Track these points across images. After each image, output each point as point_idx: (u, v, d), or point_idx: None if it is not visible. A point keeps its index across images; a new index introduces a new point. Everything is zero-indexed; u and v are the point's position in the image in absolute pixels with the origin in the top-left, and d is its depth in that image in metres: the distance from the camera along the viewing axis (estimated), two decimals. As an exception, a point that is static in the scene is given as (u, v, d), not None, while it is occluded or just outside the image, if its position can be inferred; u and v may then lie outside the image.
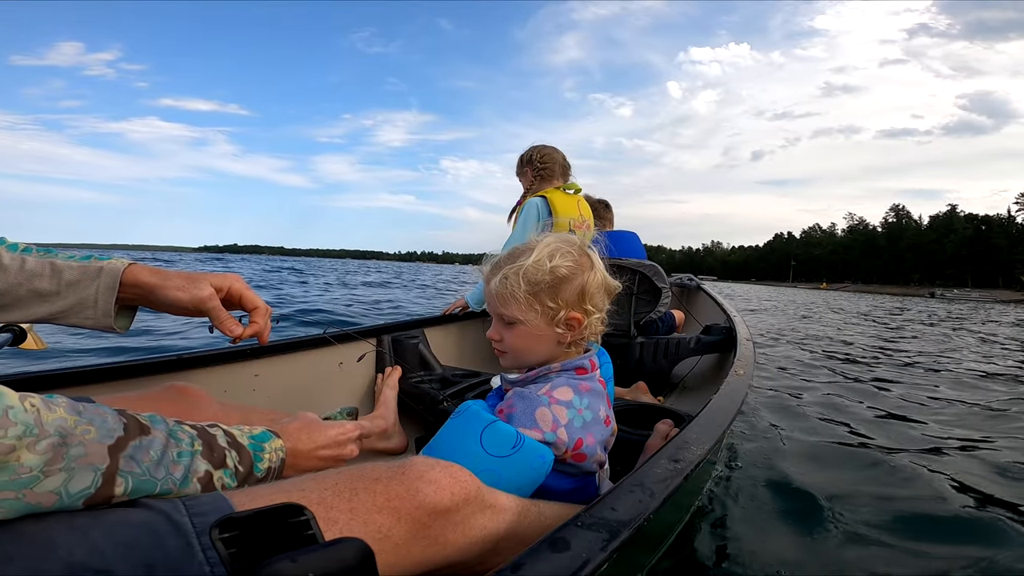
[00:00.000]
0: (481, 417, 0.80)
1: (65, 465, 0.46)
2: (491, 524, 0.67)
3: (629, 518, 0.59)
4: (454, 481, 0.64)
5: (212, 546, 0.46)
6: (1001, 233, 78.86)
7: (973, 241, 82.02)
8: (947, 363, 4.58)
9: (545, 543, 0.54)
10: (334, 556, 0.43)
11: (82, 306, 0.73)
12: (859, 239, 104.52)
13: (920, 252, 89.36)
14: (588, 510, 0.61)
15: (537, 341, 0.89)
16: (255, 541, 0.44)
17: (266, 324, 0.89)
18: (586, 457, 0.84)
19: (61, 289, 0.72)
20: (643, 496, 0.64)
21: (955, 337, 7.40)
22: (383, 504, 0.59)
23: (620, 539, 0.55)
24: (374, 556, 0.47)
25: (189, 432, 0.61)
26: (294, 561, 0.41)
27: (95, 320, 0.74)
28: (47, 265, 0.72)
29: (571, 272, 0.86)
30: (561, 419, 0.83)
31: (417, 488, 0.61)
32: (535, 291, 0.86)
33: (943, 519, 1.35)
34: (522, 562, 0.50)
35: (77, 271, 0.73)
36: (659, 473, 0.71)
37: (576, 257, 0.88)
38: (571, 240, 0.91)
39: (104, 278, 0.74)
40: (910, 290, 63.91)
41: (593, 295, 0.88)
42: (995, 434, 2.25)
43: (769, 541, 1.23)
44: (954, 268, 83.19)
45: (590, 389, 0.89)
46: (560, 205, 2.03)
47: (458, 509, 0.63)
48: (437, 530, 0.61)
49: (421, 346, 1.92)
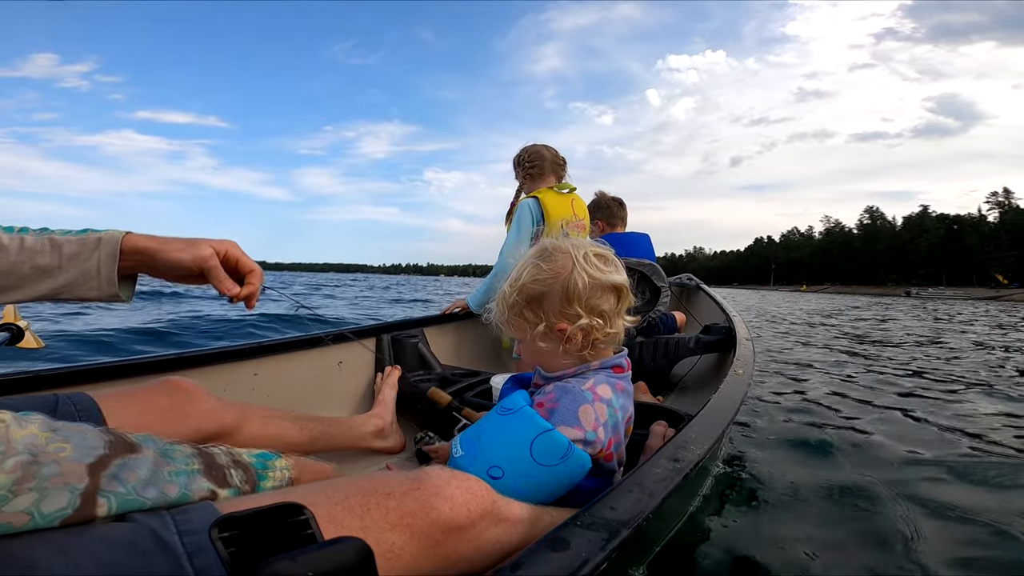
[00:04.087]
0: (536, 422, 0.76)
1: (36, 485, 0.44)
2: (504, 537, 0.66)
3: (628, 518, 0.59)
4: (471, 497, 0.62)
5: (205, 568, 0.45)
6: (973, 232, 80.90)
7: (945, 240, 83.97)
8: (946, 359, 4.64)
9: (544, 543, 0.54)
10: (333, 555, 0.43)
11: (86, 278, 0.73)
12: (836, 241, 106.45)
13: (895, 253, 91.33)
14: (587, 510, 0.61)
15: (545, 355, 0.88)
16: (255, 541, 0.43)
17: (258, 289, 0.88)
18: (613, 457, 0.84)
19: (63, 263, 0.72)
20: (642, 496, 0.64)
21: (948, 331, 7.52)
22: (396, 521, 0.57)
23: (619, 539, 0.56)
24: (373, 555, 0.46)
25: (184, 451, 0.59)
26: (294, 560, 0.41)
27: (99, 291, 0.74)
28: (46, 241, 0.72)
29: (545, 285, 0.84)
30: (602, 417, 0.81)
31: (432, 505, 0.59)
32: (515, 311, 0.87)
33: (944, 519, 1.35)
34: (522, 562, 0.51)
35: (76, 244, 0.73)
36: (658, 473, 0.71)
37: (548, 266, 0.85)
38: (545, 248, 0.89)
39: (104, 247, 0.74)
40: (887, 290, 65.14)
41: (581, 297, 0.83)
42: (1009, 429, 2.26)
43: (769, 541, 1.23)
44: (928, 267, 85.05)
45: (624, 389, 0.88)
46: (552, 206, 2.01)
47: (473, 525, 0.62)
48: (450, 547, 0.60)
49: (421, 345, 1.92)
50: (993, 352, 5.31)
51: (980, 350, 5.43)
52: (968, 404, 2.84)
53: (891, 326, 7.42)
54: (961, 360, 4.61)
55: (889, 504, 1.44)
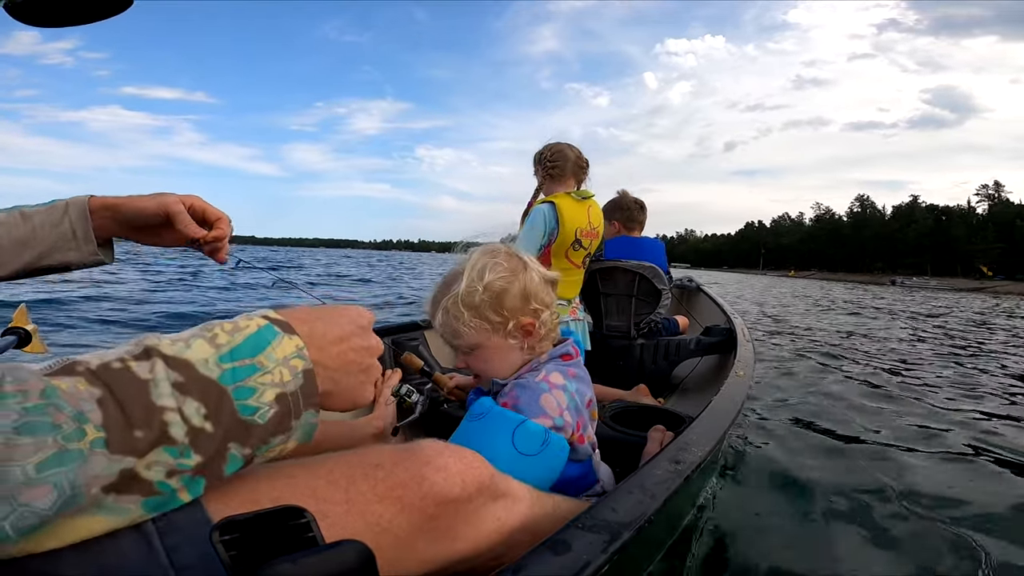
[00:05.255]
0: (509, 416, 0.78)
1: None
2: (504, 514, 0.62)
3: (630, 519, 0.59)
4: (466, 467, 0.58)
5: (186, 567, 0.43)
6: (960, 223, 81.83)
7: (933, 231, 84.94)
8: (946, 355, 4.70)
9: (546, 545, 0.54)
10: (335, 558, 0.42)
11: (63, 240, 0.75)
12: (825, 228, 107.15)
13: (883, 241, 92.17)
14: (589, 511, 0.61)
15: (501, 357, 0.90)
16: (255, 544, 0.42)
17: (227, 234, 0.88)
18: (584, 439, 0.87)
19: (36, 230, 0.73)
20: (643, 497, 0.64)
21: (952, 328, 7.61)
22: (384, 493, 0.53)
23: (621, 541, 0.56)
24: (375, 558, 0.45)
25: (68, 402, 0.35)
26: (295, 563, 0.40)
27: (80, 253, 0.76)
28: (16, 215, 0.74)
29: (507, 282, 0.87)
30: (562, 403, 0.84)
31: (424, 475, 0.54)
32: (478, 313, 0.86)
33: (944, 519, 1.37)
34: (523, 564, 0.50)
35: (45, 212, 0.75)
36: (659, 475, 0.71)
37: (506, 265, 0.88)
38: (496, 250, 0.91)
39: (72, 210, 0.76)
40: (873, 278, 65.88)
41: (537, 294, 0.89)
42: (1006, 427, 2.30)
43: (770, 542, 1.24)
44: (915, 257, 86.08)
45: (576, 375, 0.92)
46: (568, 213, 1.91)
47: (470, 499, 0.57)
48: (446, 522, 0.56)
49: (421, 348, 1.90)
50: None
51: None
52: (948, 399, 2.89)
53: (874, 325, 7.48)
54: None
55: (891, 503, 1.46)
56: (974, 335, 6.70)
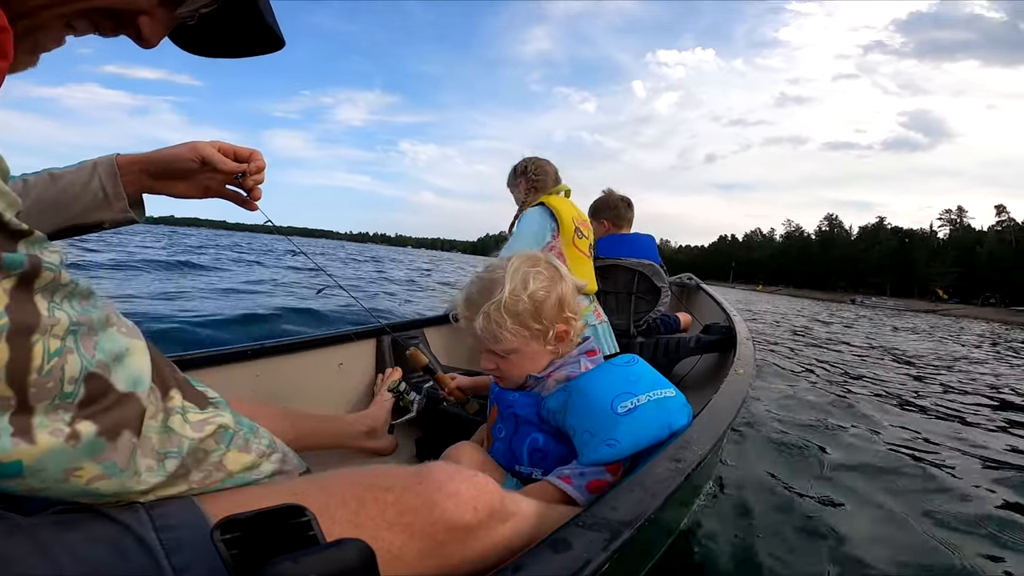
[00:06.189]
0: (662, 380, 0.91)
1: None
2: (511, 534, 0.62)
3: (630, 518, 0.59)
4: (478, 493, 0.57)
5: (184, 567, 0.43)
6: (922, 247, 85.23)
7: (896, 253, 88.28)
8: (940, 356, 4.83)
9: (546, 543, 0.53)
10: (336, 557, 0.43)
11: (94, 201, 0.74)
12: (795, 245, 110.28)
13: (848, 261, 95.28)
14: (588, 510, 0.60)
15: (533, 361, 0.93)
16: (257, 542, 0.42)
17: (265, 165, 0.86)
18: None
19: (67, 191, 0.73)
20: (644, 496, 0.64)
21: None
22: (394, 519, 0.52)
23: (621, 539, 0.55)
24: (375, 556, 0.45)
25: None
26: (296, 562, 0.40)
27: (112, 212, 0.75)
28: (45, 176, 0.73)
29: (547, 292, 0.89)
30: None
31: (435, 502, 0.54)
32: (520, 320, 0.88)
33: (944, 518, 1.41)
34: (523, 563, 0.50)
35: (74, 173, 0.74)
36: (660, 473, 0.71)
37: (547, 274, 0.91)
38: (536, 258, 0.94)
39: (100, 169, 0.75)
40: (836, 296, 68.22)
41: (570, 303, 0.92)
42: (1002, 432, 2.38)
43: (770, 541, 1.26)
44: (877, 277, 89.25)
45: None
46: (560, 206, 2.03)
47: (480, 525, 0.57)
48: (454, 548, 0.55)
49: (421, 346, 1.88)
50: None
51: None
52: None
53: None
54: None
55: (891, 503, 1.49)
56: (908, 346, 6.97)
